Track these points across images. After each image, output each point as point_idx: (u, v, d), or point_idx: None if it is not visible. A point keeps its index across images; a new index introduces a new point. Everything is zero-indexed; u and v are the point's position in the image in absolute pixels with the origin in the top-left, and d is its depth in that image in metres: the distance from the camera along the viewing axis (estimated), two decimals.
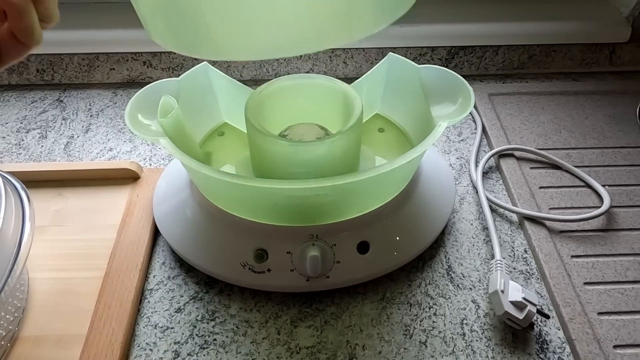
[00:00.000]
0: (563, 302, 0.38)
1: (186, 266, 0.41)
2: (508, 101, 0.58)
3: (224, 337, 0.37)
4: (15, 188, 0.37)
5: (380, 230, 0.39)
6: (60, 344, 0.35)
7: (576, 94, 0.59)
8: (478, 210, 0.46)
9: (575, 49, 0.62)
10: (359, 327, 0.38)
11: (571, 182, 0.48)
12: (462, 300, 0.39)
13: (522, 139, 0.53)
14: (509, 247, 0.43)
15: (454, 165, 0.51)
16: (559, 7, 0.63)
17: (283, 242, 0.37)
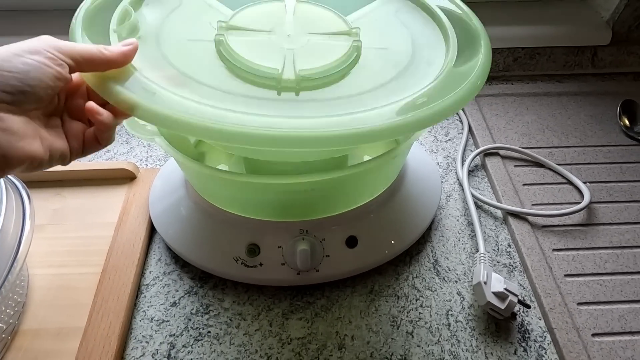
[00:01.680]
0: (544, 293, 0.40)
1: (181, 262, 0.43)
2: (494, 102, 0.60)
3: (217, 330, 0.38)
4: (16, 187, 0.39)
5: (368, 226, 0.40)
6: (60, 337, 0.37)
7: (559, 95, 0.61)
8: (464, 207, 0.48)
9: (559, 52, 0.64)
10: (348, 319, 0.39)
11: (553, 179, 0.50)
12: (447, 293, 0.41)
13: (507, 138, 0.55)
14: (494, 242, 0.45)
15: (441, 164, 0.53)
16: (542, 11, 0.65)
17: (274, 237, 0.38)
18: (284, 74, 0.31)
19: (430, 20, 0.37)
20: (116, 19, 0.32)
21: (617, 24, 0.62)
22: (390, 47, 0.35)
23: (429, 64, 0.33)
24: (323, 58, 0.32)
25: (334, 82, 0.32)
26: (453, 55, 0.33)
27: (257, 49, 0.32)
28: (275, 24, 0.35)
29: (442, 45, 0.35)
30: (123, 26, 0.32)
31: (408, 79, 0.32)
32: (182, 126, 0.26)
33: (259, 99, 0.30)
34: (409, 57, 0.34)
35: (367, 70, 0.33)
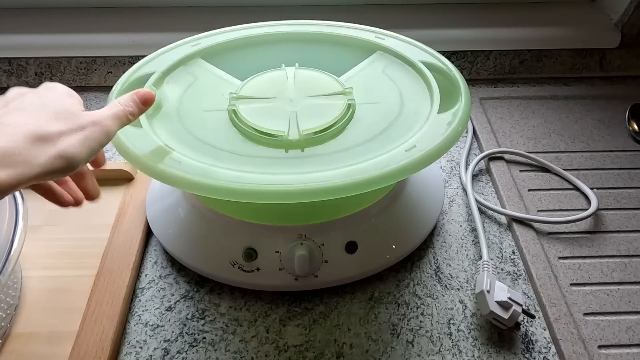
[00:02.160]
0: (549, 303, 0.39)
1: (177, 265, 0.42)
2: (499, 105, 0.59)
3: (213, 336, 0.38)
4: None
5: (369, 231, 0.39)
6: (52, 341, 0.36)
7: (566, 98, 0.60)
8: (467, 212, 0.47)
9: (566, 54, 0.63)
10: (346, 326, 0.38)
11: (560, 184, 0.49)
12: (449, 301, 0.40)
13: (512, 142, 0.54)
14: (497, 249, 0.44)
15: (444, 168, 0.52)
16: (549, 13, 0.64)
17: (272, 242, 0.38)
18: (289, 134, 0.35)
19: (414, 74, 0.42)
20: None
21: (626, 26, 0.60)
22: (381, 101, 0.39)
23: (416, 113, 0.37)
24: (322, 117, 0.37)
25: (334, 137, 0.36)
26: (436, 104, 0.37)
27: (264, 114, 0.37)
28: (279, 90, 0.40)
29: (426, 96, 0.39)
30: None
31: (398, 129, 0.36)
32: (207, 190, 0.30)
33: (269, 158, 0.34)
34: (398, 109, 0.38)
35: (362, 123, 0.37)
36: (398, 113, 0.37)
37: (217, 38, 0.44)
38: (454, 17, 0.63)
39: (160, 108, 0.38)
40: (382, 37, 0.44)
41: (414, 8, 0.65)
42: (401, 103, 0.38)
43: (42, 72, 0.62)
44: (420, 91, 0.39)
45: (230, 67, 0.38)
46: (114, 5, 0.64)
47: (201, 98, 0.40)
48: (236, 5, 0.65)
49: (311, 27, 0.45)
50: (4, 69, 0.61)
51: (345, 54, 0.44)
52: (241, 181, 0.30)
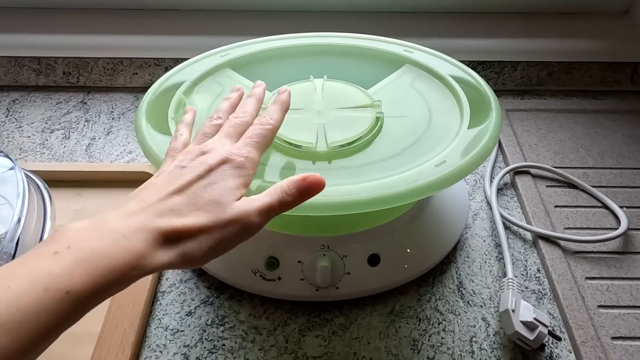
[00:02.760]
0: (576, 325, 0.38)
1: (198, 270, 0.42)
2: (525, 118, 0.58)
3: (232, 343, 0.38)
4: (39, 187, 0.39)
5: (392, 243, 0.39)
6: (74, 342, 0.36)
7: (595, 112, 0.58)
8: (491, 227, 0.46)
9: (596, 67, 0.61)
10: (366, 340, 0.38)
11: (588, 202, 0.48)
12: (472, 318, 0.39)
13: (538, 156, 0.52)
14: (522, 266, 0.43)
15: (468, 181, 0.51)
16: (580, 24, 0.63)
17: (294, 251, 0.37)
18: (317, 146, 0.35)
19: (443, 87, 0.41)
20: (173, 108, 0.38)
21: None
22: (409, 115, 0.39)
23: (444, 128, 0.37)
24: (350, 129, 0.36)
25: (362, 150, 0.36)
26: (466, 119, 0.37)
27: (293, 125, 0.36)
28: (307, 102, 0.39)
29: (456, 111, 0.38)
30: (179, 114, 0.38)
31: (427, 144, 0.36)
32: None
33: (296, 169, 0.34)
34: (426, 123, 0.38)
35: (389, 137, 0.37)
36: (426, 127, 0.37)
37: (246, 49, 0.44)
38: (481, 26, 0.62)
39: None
40: (410, 50, 0.43)
41: (441, 16, 0.64)
42: (429, 117, 0.38)
43: (70, 71, 0.63)
44: (449, 105, 0.39)
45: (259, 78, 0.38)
46: (141, 7, 0.65)
47: None
48: (261, 9, 0.65)
49: (339, 39, 0.45)
50: (33, 67, 0.62)
51: (373, 67, 0.44)
52: None
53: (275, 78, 0.42)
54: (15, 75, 0.63)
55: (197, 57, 0.44)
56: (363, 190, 0.30)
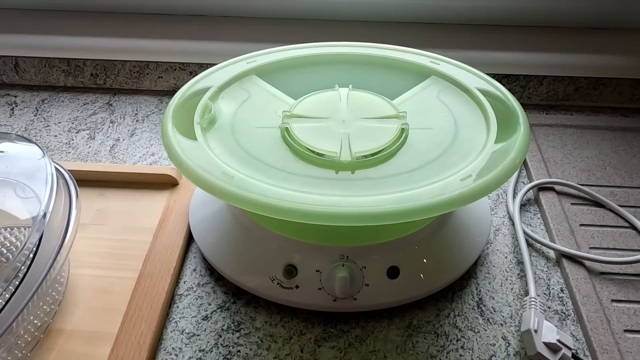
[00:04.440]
0: (600, 349, 0.37)
1: (216, 274, 0.42)
2: (551, 133, 0.57)
3: (247, 350, 0.37)
4: (66, 182, 0.39)
5: (412, 256, 0.38)
6: (92, 341, 0.37)
7: (624, 130, 0.57)
8: (513, 244, 0.45)
9: (626, 84, 0.60)
10: (382, 353, 0.37)
11: (614, 221, 0.46)
12: (491, 336, 0.38)
13: (563, 172, 0.51)
14: (545, 285, 0.42)
15: (490, 195, 0.50)
16: (609, 39, 0.61)
17: (313, 260, 0.37)
18: (341, 156, 0.35)
19: (470, 100, 0.41)
20: (199, 113, 0.39)
21: None
22: (434, 127, 0.39)
23: (470, 142, 0.36)
24: (375, 140, 0.36)
25: (386, 161, 0.36)
26: (493, 133, 0.36)
27: (317, 134, 0.37)
28: (332, 111, 0.40)
29: (482, 124, 0.38)
30: (204, 119, 0.38)
31: (452, 157, 0.35)
32: (257, 207, 0.31)
33: (319, 178, 0.34)
34: (452, 136, 0.38)
35: (414, 149, 0.37)
36: (452, 140, 0.36)
37: (272, 56, 0.44)
38: (506, 39, 0.62)
39: (215, 122, 0.39)
40: (437, 62, 0.43)
41: (466, 28, 0.64)
42: (455, 130, 0.37)
43: (98, 73, 0.64)
44: (476, 119, 0.38)
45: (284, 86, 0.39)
46: (169, 12, 0.66)
47: (254, 114, 0.40)
48: (288, 17, 0.65)
49: (365, 49, 0.45)
50: (62, 68, 0.64)
51: (399, 78, 0.43)
52: (291, 200, 0.30)
53: (301, 86, 0.42)
54: (45, 75, 0.65)
55: (224, 63, 0.44)
56: (386, 202, 0.30)
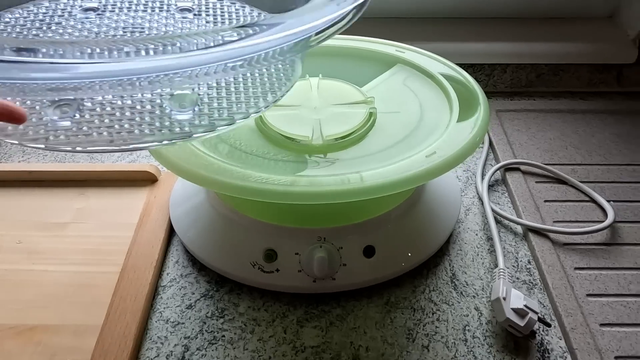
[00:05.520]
0: (565, 312, 0.39)
1: (198, 265, 0.43)
2: (515, 117, 0.59)
3: (232, 334, 0.38)
4: None
5: (386, 236, 0.40)
6: (77, 334, 0.37)
7: (584, 112, 0.60)
8: (483, 222, 0.48)
9: (583, 69, 0.63)
10: (363, 330, 0.39)
11: (576, 196, 0.49)
12: (465, 307, 0.40)
13: (528, 153, 0.54)
14: (513, 258, 0.44)
15: (460, 177, 0.52)
16: (567, 28, 0.65)
17: (292, 243, 0.39)
18: (313, 140, 0.37)
19: (434, 85, 0.43)
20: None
21: None
22: (401, 110, 0.41)
23: (435, 122, 0.39)
24: (345, 124, 0.38)
25: (356, 143, 0.38)
26: (455, 114, 0.39)
27: (289, 120, 0.39)
28: (303, 99, 0.41)
29: (445, 106, 0.40)
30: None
31: (418, 137, 0.38)
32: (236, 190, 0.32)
33: (293, 162, 0.36)
34: (418, 118, 0.40)
35: (383, 131, 0.39)
36: (418, 122, 0.39)
37: None
38: (471, 30, 0.64)
39: None
40: (402, 50, 0.45)
41: (432, 22, 0.66)
42: (421, 113, 0.40)
43: None
44: (440, 102, 0.40)
45: None
46: None
47: None
48: None
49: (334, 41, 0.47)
50: None
51: (367, 67, 0.45)
52: (267, 182, 0.32)
53: None
54: None
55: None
56: (357, 180, 0.32)
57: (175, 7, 0.35)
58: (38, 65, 0.19)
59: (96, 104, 0.29)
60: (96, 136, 0.27)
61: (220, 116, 0.30)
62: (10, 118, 0.23)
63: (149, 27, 0.33)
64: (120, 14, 0.34)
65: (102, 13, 0.34)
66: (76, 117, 0.28)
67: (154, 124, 0.28)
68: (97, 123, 0.28)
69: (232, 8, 0.37)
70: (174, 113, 0.29)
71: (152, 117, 0.29)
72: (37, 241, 0.44)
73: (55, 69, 0.20)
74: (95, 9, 0.34)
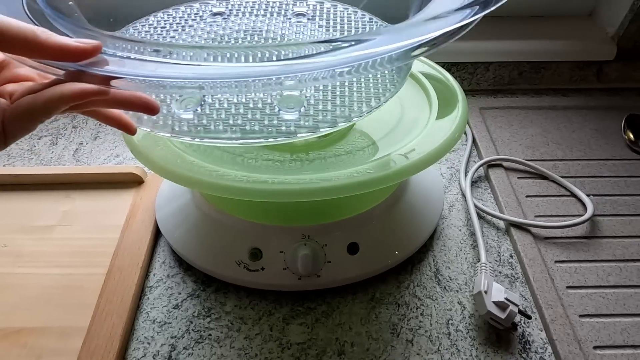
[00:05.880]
0: (546, 305, 0.40)
1: (185, 265, 0.43)
2: (498, 115, 0.60)
3: (218, 333, 0.39)
4: None
5: (370, 232, 0.41)
6: (63, 336, 0.37)
7: (565, 108, 0.61)
8: (466, 217, 0.48)
9: (564, 66, 0.64)
10: (348, 325, 0.39)
11: (557, 191, 0.50)
12: (448, 302, 0.41)
13: (510, 150, 0.55)
14: (495, 252, 0.45)
15: (444, 174, 0.53)
16: (548, 26, 0.66)
17: (277, 242, 0.39)
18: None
19: (414, 83, 0.44)
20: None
21: (622, 39, 0.62)
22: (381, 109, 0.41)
23: (415, 120, 0.39)
24: None
25: (337, 142, 0.38)
26: (435, 112, 0.39)
27: None
28: None
29: (425, 104, 0.41)
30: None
31: (398, 135, 0.38)
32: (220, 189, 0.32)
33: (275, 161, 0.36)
34: (398, 116, 0.40)
35: (364, 129, 0.39)
36: (398, 120, 0.39)
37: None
38: None
39: None
40: None
41: None
42: (401, 111, 0.40)
43: None
44: (419, 100, 0.41)
45: None
46: None
47: None
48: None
49: None
50: None
51: None
52: (251, 181, 0.32)
53: None
54: None
55: None
56: (339, 177, 0.32)
57: (291, 12, 0.39)
58: (171, 65, 0.23)
59: (215, 100, 0.32)
60: (213, 128, 0.31)
61: (323, 118, 0.32)
62: (146, 109, 0.26)
63: (267, 30, 0.37)
64: (243, 17, 0.38)
65: (227, 17, 0.38)
66: (197, 110, 0.32)
67: (263, 121, 0.31)
68: (215, 117, 0.32)
69: (345, 13, 0.39)
70: (282, 112, 0.32)
71: (262, 115, 0.32)
72: (22, 244, 0.44)
73: (184, 69, 0.23)
74: (222, 13, 0.39)
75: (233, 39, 0.36)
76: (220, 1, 0.40)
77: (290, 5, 0.39)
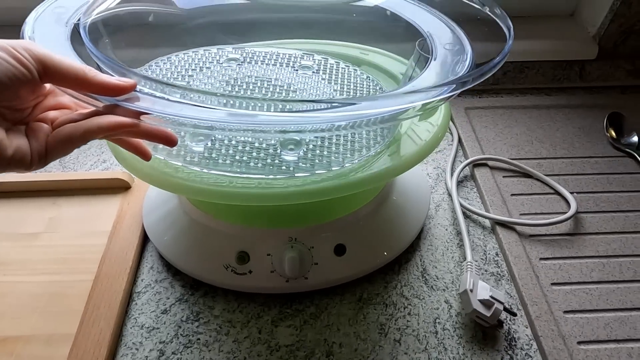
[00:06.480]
0: (531, 302, 0.40)
1: (173, 270, 0.43)
2: (483, 114, 0.61)
3: (207, 337, 0.39)
4: None
5: (357, 234, 0.41)
6: (50, 343, 0.37)
7: (548, 107, 0.62)
8: (453, 217, 0.49)
9: (547, 66, 0.65)
10: (336, 327, 0.40)
11: (541, 189, 0.51)
12: (435, 301, 0.41)
13: (495, 149, 0.56)
14: (482, 251, 0.46)
15: (430, 175, 0.54)
16: (531, 26, 0.67)
17: (263, 245, 0.39)
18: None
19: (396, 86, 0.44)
20: None
21: (603, 39, 0.63)
22: None
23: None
24: None
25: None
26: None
27: None
28: None
29: None
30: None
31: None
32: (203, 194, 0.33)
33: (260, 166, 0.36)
34: None
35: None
36: None
37: None
38: None
39: None
40: (366, 52, 0.46)
41: None
42: None
43: None
44: None
45: None
46: None
47: None
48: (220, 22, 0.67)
49: (300, 44, 0.48)
50: None
51: None
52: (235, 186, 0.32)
53: None
54: None
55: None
56: (325, 179, 0.32)
57: (299, 64, 0.43)
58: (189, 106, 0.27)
59: (224, 137, 0.36)
60: (220, 161, 0.34)
61: (319, 162, 0.34)
62: (167, 142, 0.29)
63: (276, 79, 0.41)
64: (255, 65, 0.42)
65: (241, 63, 0.42)
66: (208, 145, 0.36)
67: (266, 160, 0.34)
68: (223, 151, 0.35)
69: (346, 70, 0.43)
70: (283, 153, 0.35)
71: (266, 154, 0.35)
72: (8, 252, 0.44)
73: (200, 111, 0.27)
74: (237, 59, 0.43)
75: (245, 83, 0.40)
76: (236, 49, 0.44)
77: (298, 58, 0.43)
